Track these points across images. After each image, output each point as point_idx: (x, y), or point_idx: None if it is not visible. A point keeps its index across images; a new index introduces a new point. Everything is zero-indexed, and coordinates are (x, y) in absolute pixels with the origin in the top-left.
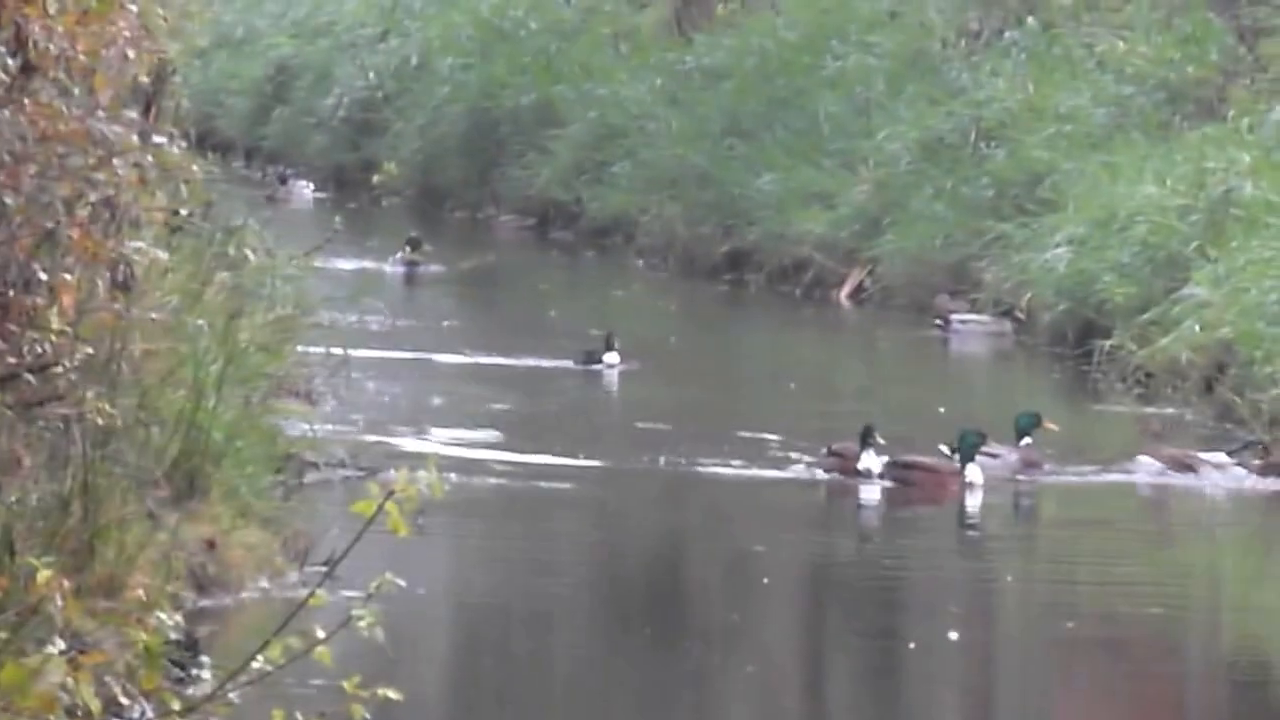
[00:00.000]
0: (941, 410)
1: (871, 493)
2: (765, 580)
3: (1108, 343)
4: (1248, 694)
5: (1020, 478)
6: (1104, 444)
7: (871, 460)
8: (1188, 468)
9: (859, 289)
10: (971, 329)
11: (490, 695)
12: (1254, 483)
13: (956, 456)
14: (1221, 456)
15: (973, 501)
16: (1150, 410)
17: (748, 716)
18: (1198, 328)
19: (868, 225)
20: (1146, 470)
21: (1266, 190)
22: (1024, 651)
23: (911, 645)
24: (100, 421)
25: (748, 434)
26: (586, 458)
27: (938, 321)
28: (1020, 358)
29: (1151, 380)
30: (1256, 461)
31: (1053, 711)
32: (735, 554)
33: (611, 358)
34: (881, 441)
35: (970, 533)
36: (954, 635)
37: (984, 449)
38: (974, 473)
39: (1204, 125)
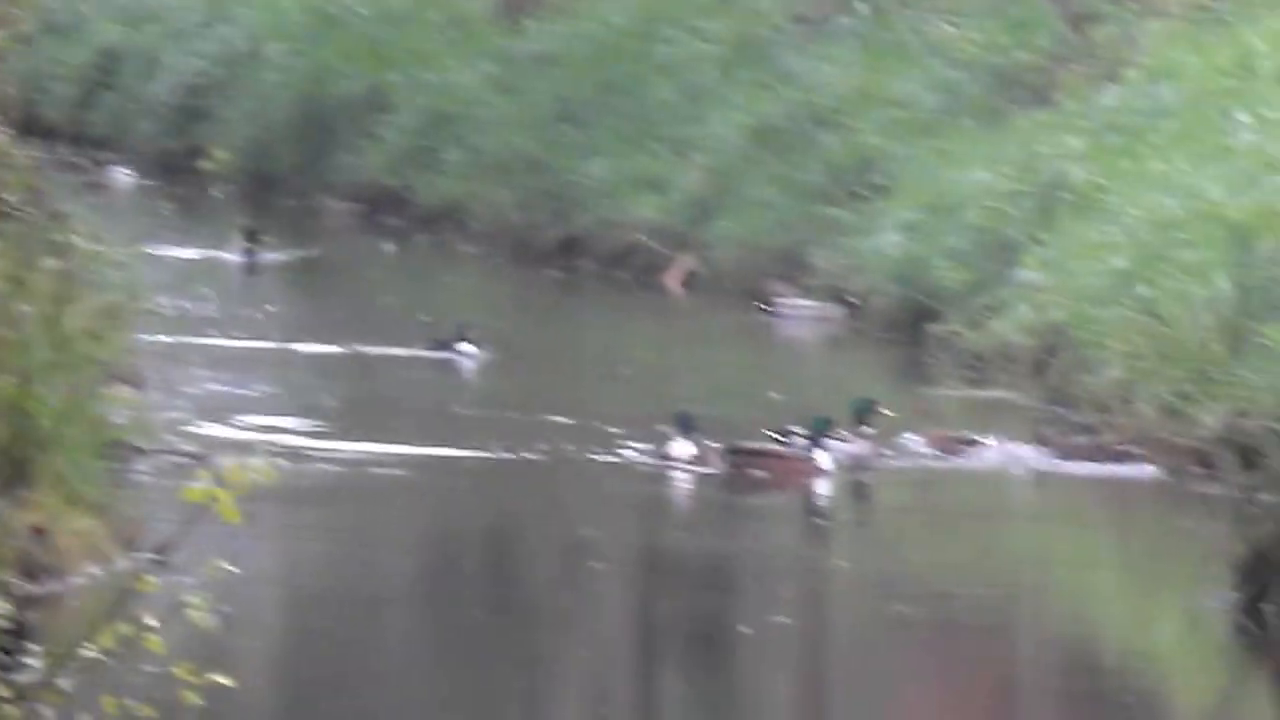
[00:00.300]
0: (774, 396)
1: (689, 479)
2: (598, 566)
3: (940, 327)
4: (1075, 674)
5: (859, 462)
6: (937, 428)
7: (685, 448)
8: (957, 447)
9: (691, 275)
10: (802, 314)
11: (322, 679)
12: (1043, 464)
13: (807, 442)
14: (1005, 440)
15: (822, 488)
16: (981, 393)
17: (579, 700)
18: (1029, 311)
19: (699, 211)
20: (913, 449)
21: (1096, 174)
22: (856, 634)
23: (744, 629)
24: None
25: (582, 420)
26: (423, 445)
27: (768, 307)
28: (852, 342)
29: (983, 364)
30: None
31: (883, 692)
32: (569, 540)
33: (466, 346)
34: (678, 429)
35: (812, 519)
36: (786, 619)
37: (829, 434)
38: (824, 459)
39: (1034, 110)
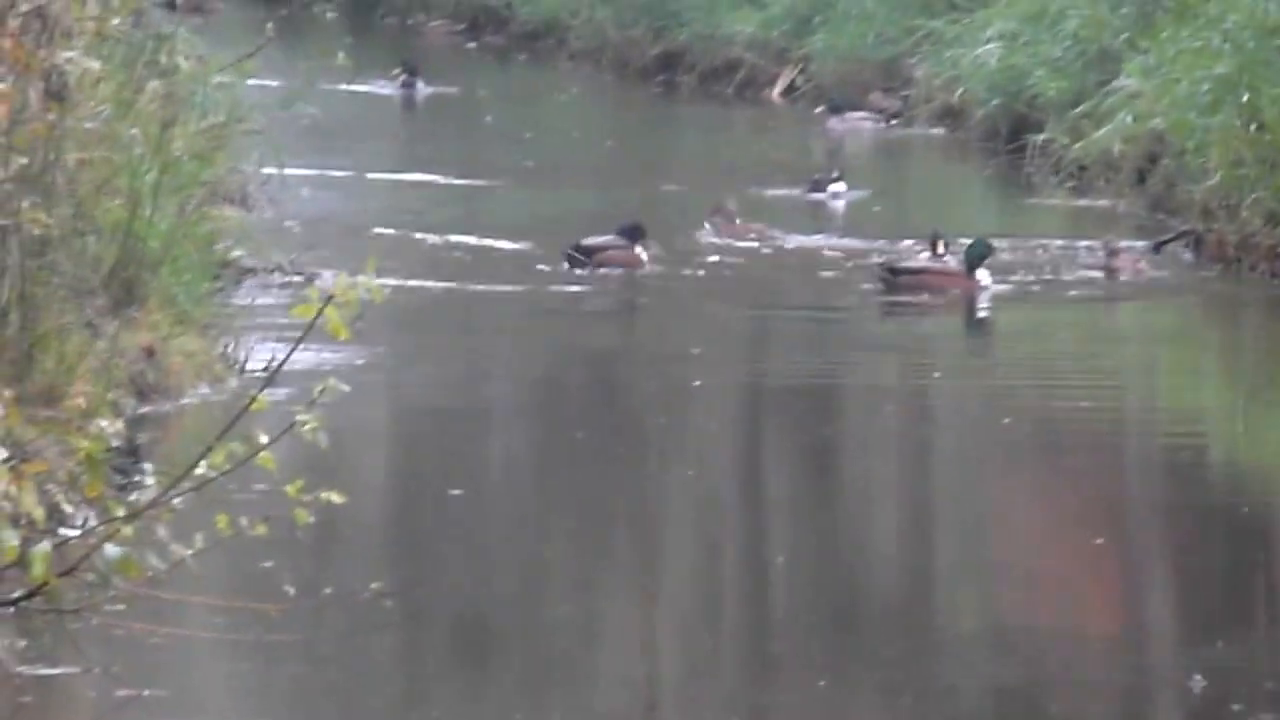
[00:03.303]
0: (876, 209)
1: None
2: (697, 383)
3: (1040, 137)
4: (1185, 486)
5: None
6: (1039, 238)
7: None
8: (746, 235)
9: (791, 88)
10: (901, 126)
11: (429, 498)
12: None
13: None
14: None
15: (982, 307)
16: (1083, 202)
17: (684, 517)
18: (1129, 120)
19: (798, 24)
20: (707, 236)
21: None
22: (963, 450)
23: (850, 444)
24: (36, 231)
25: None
26: (521, 284)
27: (868, 118)
28: (953, 153)
29: (1084, 173)
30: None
31: (990, 505)
32: (680, 364)
33: (837, 186)
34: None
35: (937, 337)
36: (894, 435)
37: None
38: (985, 276)
39: None
